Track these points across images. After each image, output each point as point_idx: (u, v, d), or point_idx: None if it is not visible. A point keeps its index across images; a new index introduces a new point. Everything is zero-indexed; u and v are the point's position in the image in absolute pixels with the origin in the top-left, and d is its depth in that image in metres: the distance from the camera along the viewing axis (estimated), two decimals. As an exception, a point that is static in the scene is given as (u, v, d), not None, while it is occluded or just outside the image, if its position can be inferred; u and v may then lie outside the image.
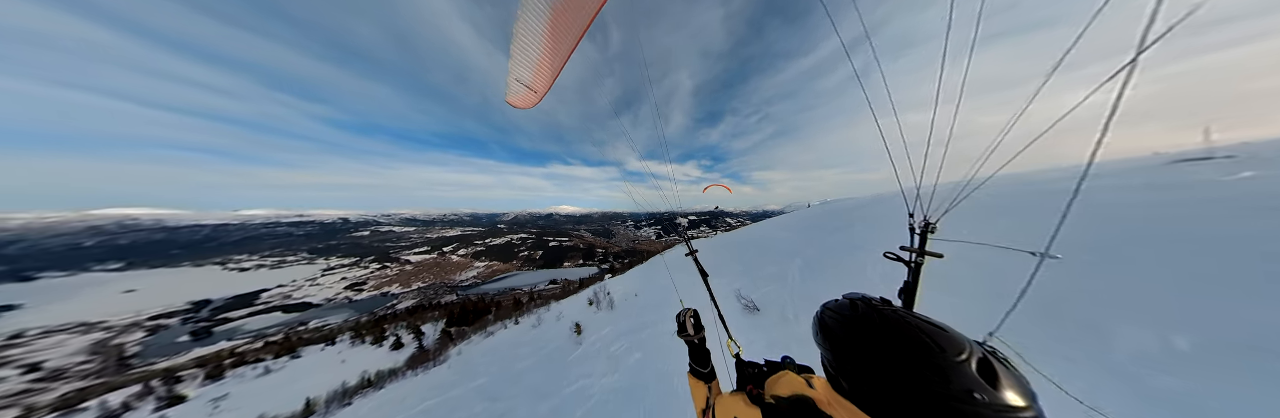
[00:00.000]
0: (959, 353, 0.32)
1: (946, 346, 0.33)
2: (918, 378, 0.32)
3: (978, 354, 0.33)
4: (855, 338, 0.38)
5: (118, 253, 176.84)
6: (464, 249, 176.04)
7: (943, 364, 0.31)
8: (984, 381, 0.30)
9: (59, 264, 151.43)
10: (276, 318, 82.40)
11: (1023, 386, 0.31)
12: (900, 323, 0.36)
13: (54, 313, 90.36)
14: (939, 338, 0.34)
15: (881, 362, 0.35)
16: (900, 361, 0.33)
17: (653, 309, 5.02)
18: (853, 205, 8.48)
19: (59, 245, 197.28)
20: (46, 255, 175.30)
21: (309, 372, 18.89)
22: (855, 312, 0.40)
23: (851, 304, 0.42)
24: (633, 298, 6.57)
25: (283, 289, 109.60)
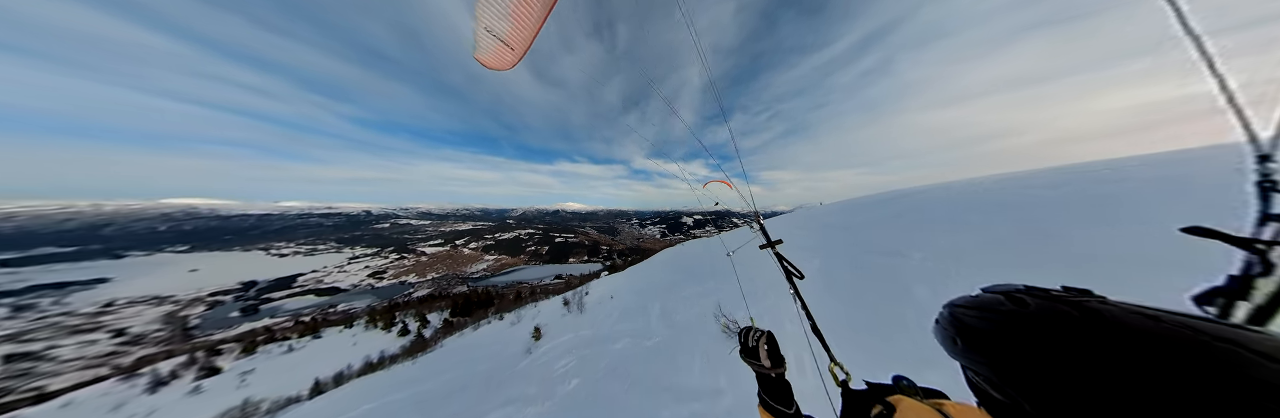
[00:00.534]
0: (1262, 367, 0.17)
1: (1242, 358, 0.17)
2: (1174, 403, 0.17)
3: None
4: (1037, 347, 0.23)
5: (184, 237, 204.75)
6: (475, 243, 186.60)
7: (1242, 384, 0.16)
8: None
9: (140, 245, 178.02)
10: (310, 300, 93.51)
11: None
12: (1112, 322, 0.21)
13: (136, 286, 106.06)
14: (1207, 348, 0.18)
15: (1101, 382, 0.19)
16: (1137, 379, 0.18)
17: (624, 317, 4.35)
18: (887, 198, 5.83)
19: (141, 229, 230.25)
20: (131, 237, 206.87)
21: (324, 352, 20.67)
22: (1025, 308, 0.25)
23: (1005, 299, 0.26)
24: (608, 301, 5.80)
25: (315, 274, 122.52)
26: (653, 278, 6.65)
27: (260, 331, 34.90)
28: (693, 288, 4.76)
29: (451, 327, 16.33)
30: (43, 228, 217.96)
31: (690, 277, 5.57)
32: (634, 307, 4.89)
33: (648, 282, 6.42)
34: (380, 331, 24.71)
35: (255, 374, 18.91)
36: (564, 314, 6.32)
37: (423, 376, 5.28)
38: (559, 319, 6.09)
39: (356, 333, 25.07)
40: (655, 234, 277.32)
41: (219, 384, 18.25)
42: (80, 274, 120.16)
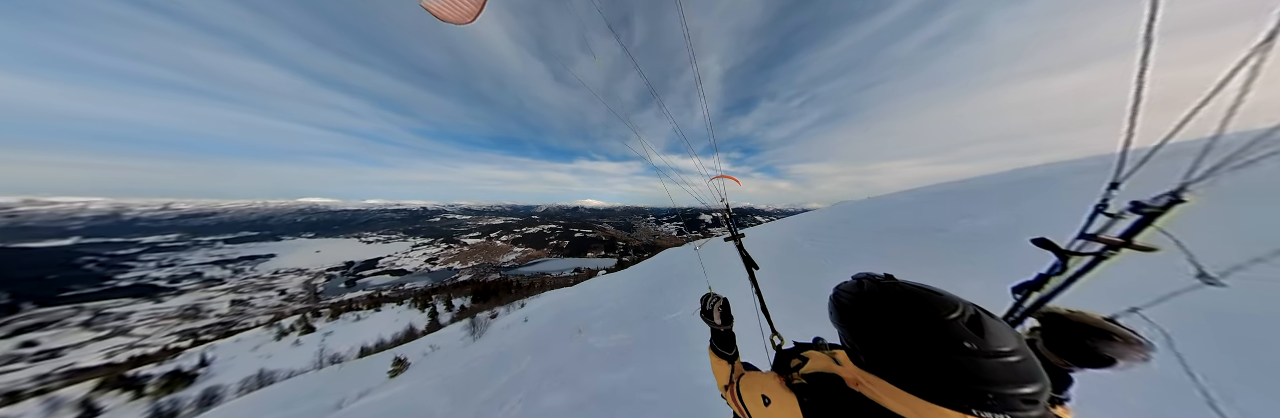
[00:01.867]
0: (951, 311, 0.37)
1: (939, 306, 0.38)
2: (916, 337, 0.37)
3: (970, 312, 0.38)
4: (863, 311, 0.42)
5: (311, 227, 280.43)
6: (505, 236, 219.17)
7: (936, 322, 0.37)
8: (972, 332, 0.35)
9: (289, 231, 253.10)
10: (387, 278, 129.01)
11: (1008, 333, 0.36)
12: (898, 291, 0.41)
13: (289, 260, 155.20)
14: (931, 300, 0.39)
15: (886, 328, 0.40)
16: (900, 324, 0.39)
17: (513, 357, 3.93)
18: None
19: (288, 220, 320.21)
20: (283, 226, 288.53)
21: (378, 324, 25.29)
22: (861, 288, 0.44)
23: (858, 282, 0.46)
24: (520, 325, 5.81)
25: (390, 258, 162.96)
26: (618, 292, 5.99)
27: (360, 298, 44.15)
28: (657, 307, 4.18)
29: (465, 312, 19.11)
30: (241, 218, 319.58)
31: (660, 292, 4.84)
32: (543, 337, 4.30)
33: (599, 298, 5.90)
34: (417, 310, 29.73)
35: (332, 336, 24.05)
36: (462, 338, 6.27)
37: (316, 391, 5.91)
38: (452, 349, 6.02)
39: (402, 310, 30.40)
40: (671, 232, 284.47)
41: (310, 340, 24.11)
42: (260, 250, 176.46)
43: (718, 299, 0.81)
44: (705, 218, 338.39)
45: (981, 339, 0.35)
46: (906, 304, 0.40)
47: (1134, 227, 0.47)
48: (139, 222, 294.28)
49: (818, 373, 0.51)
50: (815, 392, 0.47)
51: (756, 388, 0.57)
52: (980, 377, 0.34)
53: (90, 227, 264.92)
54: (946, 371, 0.35)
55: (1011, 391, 0.33)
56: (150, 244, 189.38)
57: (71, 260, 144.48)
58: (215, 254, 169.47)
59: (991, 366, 0.34)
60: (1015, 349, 0.35)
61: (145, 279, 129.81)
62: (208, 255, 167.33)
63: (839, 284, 0.48)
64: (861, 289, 0.44)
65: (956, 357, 0.34)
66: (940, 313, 0.37)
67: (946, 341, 0.35)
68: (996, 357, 0.34)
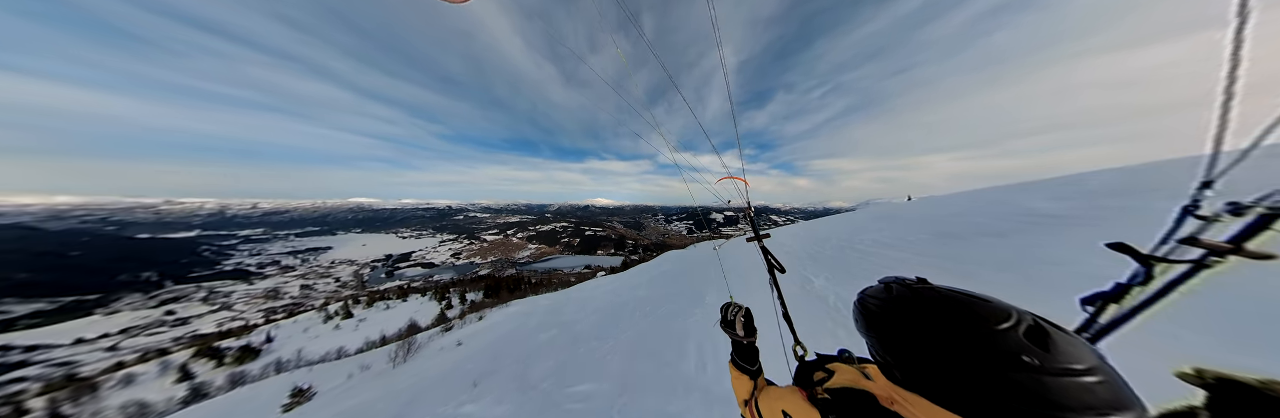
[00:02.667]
0: (1002, 321, 0.30)
1: (987, 314, 0.31)
2: (961, 350, 0.30)
3: (1027, 321, 0.30)
4: (894, 319, 0.36)
5: (359, 223, 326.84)
6: (521, 233, 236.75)
7: (984, 332, 0.30)
8: (1032, 345, 0.28)
9: (342, 227, 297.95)
10: (419, 270, 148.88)
11: (1083, 348, 0.29)
12: (933, 297, 0.35)
13: (342, 252, 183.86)
14: (978, 308, 0.32)
15: (924, 339, 0.33)
16: (940, 335, 0.32)
17: (409, 400, 3.42)
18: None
19: (341, 217, 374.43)
20: (336, 221, 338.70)
21: (402, 313, 27.57)
22: (891, 294, 0.38)
23: (887, 287, 0.40)
24: (452, 349, 5.20)
25: (421, 252, 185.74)
26: (607, 299, 5.49)
27: (392, 289, 47.26)
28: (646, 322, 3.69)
29: (474, 306, 19.54)
30: (306, 216, 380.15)
31: (657, 306, 4.24)
32: (479, 368, 3.74)
33: (592, 306, 5.33)
34: (435, 302, 31.87)
35: (366, 322, 26.61)
36: (388, 361, 5.55)
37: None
38: (383, 365, 5.41)
39: (423, 301, 32.98)
40: (681, 230, 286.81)
41: (347, 325, 27.21)
42: (321, 243, 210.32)
43: (740, 309, 0.73)
44: (716, 217, 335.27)
45: (1045, 354, 0.27)
46: (946, 312, 0.33)
47: (1246, 229, 0.37)
48: (237, 218, 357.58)
49: (845, 388, 0.43)
50: (842, 409, 0.41)
51: (776, 403, 0.52)
52: (1046, 398, 0.26)
53: (206, 222, 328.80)
54: (1003, 390, 0.27)
55: (1084, 417, 0.25)
56: (244, 237, 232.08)
57: (194, 249, 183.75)
58: (289, 246, 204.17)
59: (1062, 385, 0.26)
60: (1093, 367, 0.27)
61: (241, 265, 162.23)
62: (284, 247, 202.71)
63: (865, 289, 0.42)
64: (891, 295, 0.38)
65: (1014, 374, 0.27)
66: (988, 322, 0.30)
67: (1000, 354, 0.28)
68: (1067, 375, 0.26)
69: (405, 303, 34.34)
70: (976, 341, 0.29)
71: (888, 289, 0.39)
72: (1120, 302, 0.46)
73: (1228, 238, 0.38)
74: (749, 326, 0.72)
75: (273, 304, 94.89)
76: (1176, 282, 0.42)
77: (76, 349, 68.30)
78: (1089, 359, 0.28)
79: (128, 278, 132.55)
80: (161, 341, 62.98)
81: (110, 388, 19.76)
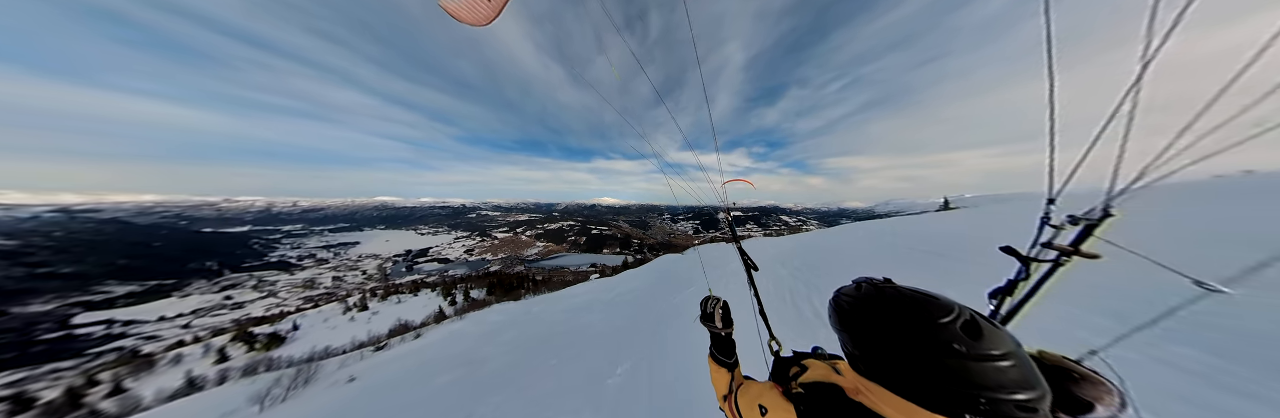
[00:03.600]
0: (944, 315, 0.37)
1: (933, 310, 0.38)
2: (908, 340, 0.37)
3: (965, 316, 0.37)
4: (860, 316, 0.41)
5: (383, 220, 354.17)
6: (529, 231, 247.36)
7: (929, 326, 0.36)
8: (965, 335, 0.35)
9: (368, 223, 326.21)
10: (435, 265, 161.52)
11: (1004, 338, 0.36)
12: (893, 295, 0.41)
13: (368, 247, 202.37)
14: (927, 305, 0.38)
15: (882, 332, 0.39)
16: (895, 328, 0.38)
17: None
18: None
19: (368, 214, 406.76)
20: (364, 219, 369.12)
21: (412, 307, 29.30)
22: (860, 292, 0.44)
23: (857, 286, 0.45)
24: (342, 385, 4.77)
25: (437, 248, 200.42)
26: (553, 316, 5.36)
27: (406, 283, 52.46)
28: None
29: (475, 304, 20.84)
30: (339, 213, 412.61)
31: (631, 336, 3.82)
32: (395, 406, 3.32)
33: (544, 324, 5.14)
34: (442, 298, 33.06)
35: (378, 316, 28.21)
36: (256, 404, 4.68)
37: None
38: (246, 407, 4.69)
39: (432, 297, 34.11)
40: (687, 230, 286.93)
41: (361, 317, 29.17)
42: (350, 239, 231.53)
43: (718, 301, 0.78)
44: (723, 217, 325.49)
45: (973, 342, 0.34)
46: (901, 308, 0.39)
47: (1079, 236, 0.50)
48: (280, 215, 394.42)
49: (817, 382, 0.49)
50: (813, 401, 0.46)
51: (755, 399, 0.56)
52: (970, 380, 0.33)
53: (256, 218, 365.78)
54: (938, 374, 0.34)
55: (1004, 396, 0.32)
56: (286, 232, 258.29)
57: (246, 242, 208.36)
58: (324, 241, 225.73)
59: (982, 369, 0.33)
60: (1007, 353, 0.34)
61: (284, 257, 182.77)
62: (319, 241, 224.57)
63: (840, 288, 0.47)
64: (860, 293, 0.43)
65: (947, 360, 0.34)
66: (933, 316, 0.37)
67: (937, 343, 0.35)
68: (987, 360, 0.33)
69: (416, 297, 35.38)
70: (921, 332, 0.36)
71: (858, 288, 0.44)
72: (1012, 294, 0.59)
73: (1069, 242, 0.51)
74: (727, 318, 0.76)
75: (309, 293, 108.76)
76: (1045, 277, 0.56)
77: (160, 325, 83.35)
78: (1006, 346, 0.35)
79: (196, 266, 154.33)
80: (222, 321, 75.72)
81: (164, 365, 22.03)
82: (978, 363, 0.33)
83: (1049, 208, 0.55)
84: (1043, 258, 0.55)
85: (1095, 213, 0.48)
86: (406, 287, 43.74)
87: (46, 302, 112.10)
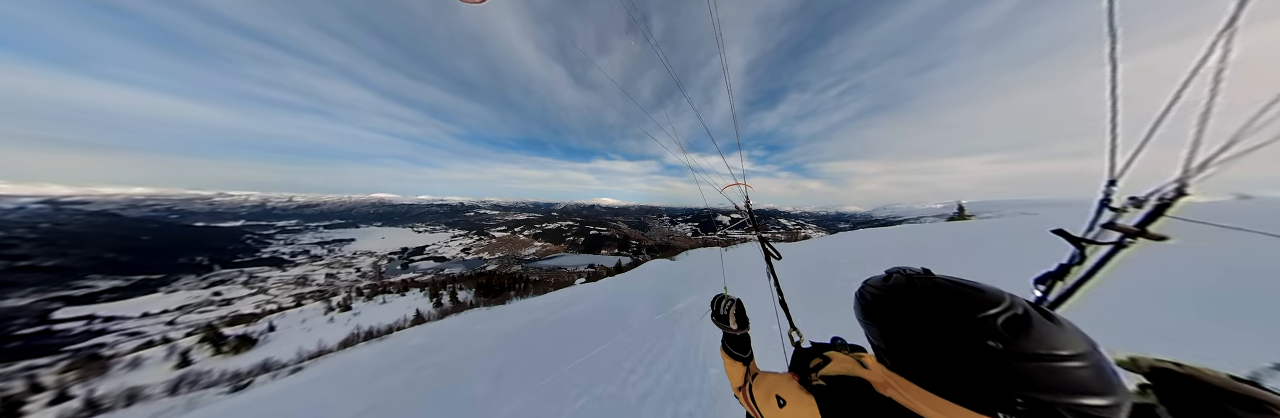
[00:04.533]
0: (987, 309, 0.32)
1: (973, 302, 0.33)
2: (941, 334, 0.33)
3: (1015, 311, 0.32)
4: (890, 307, 0.38)
5: (379, 217, 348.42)
6: (527, 231, 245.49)
7: (966, 319, 0.32)
8: (1004, 331, 0.30)
9: (364, 220, 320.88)
10: (432, 264, 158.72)
11: (1061, 336, 0.30)
12: (929, 287, 0.37)
13: (363, 244, 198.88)
14: (966, 297, 0.34)
15: (911, 325, 0.36)
16: (925, 321, 0.34)
17: None
18: None
19: (364, 211, 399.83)
20: (360, 215, 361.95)
21: (396, 308, 27.10)
22: (888, 282, 0.40)
23: (887, 276, 0.42)
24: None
25: (434, 246, 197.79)
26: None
27: (395, 282, 51.72)
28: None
29: (459, 305, 19.37)
30: (334, 209, 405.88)
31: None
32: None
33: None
34: (427, 298, 30.97)
35: (359, 316, 26.10)
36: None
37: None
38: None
39: (418, 297, 32.43)
40: (686, 232, 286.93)
41: (341, 318, 27.08)
42: (345, 236, 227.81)
43: (731, 302, 0.74)
44: (722, 219, 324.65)
45: (1014, 339, 0.30)
46: (938, 300, 0.35)
47: (1147, 217, 0.45)
48: (275, 210, 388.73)
49: (842, 376, 0.46)
50: (838, 395, 0.43)
51: (771, 389, 0.53)
52: (1008, 379, 0.29)
53: (250, 213, 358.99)
54: (968, 370, 0.31)
55: (1052, 398, 0.28)
56: (281, 228, 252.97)
57: (239, 237, 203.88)
58: (318, 237, 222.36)
59: (1027, 369, 0.29)
60: (1073, 354, 0.29)
61: (277, 253, 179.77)
62: (314, 238, 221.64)
63: (868, 279, 0.44)
64: (887, 284, 0.40)
65: (981, 356, 0.30)
66: (970, 310, 0.33)
67: (970, 338, 0.31)
68: (1035, 360, 0.29)
69: (402, 298, 34.32)
70: (957, 326, 0.32)
71: (887, 279, 0.41)
72: (1063, 279, 0.54)
73: (1135, 223, 0.47)
74: (741, 317, 0.73)
75: (301, 290, 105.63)
76: (1104, 260, 0.50)
77: (143, 322, 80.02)
78: (1069, 346, 0.29)
79: (185, 261, 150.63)
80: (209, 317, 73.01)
81: (120, 369, 20.09)
82: (1023, 363, 0.29)
83: (1110, 189, 0.51)
84: (1102, 241, 0.51)
85: (1169, 192, 0.43)
86: (396, 286, 42.24)
87: (26, 296, 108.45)
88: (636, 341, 3.34)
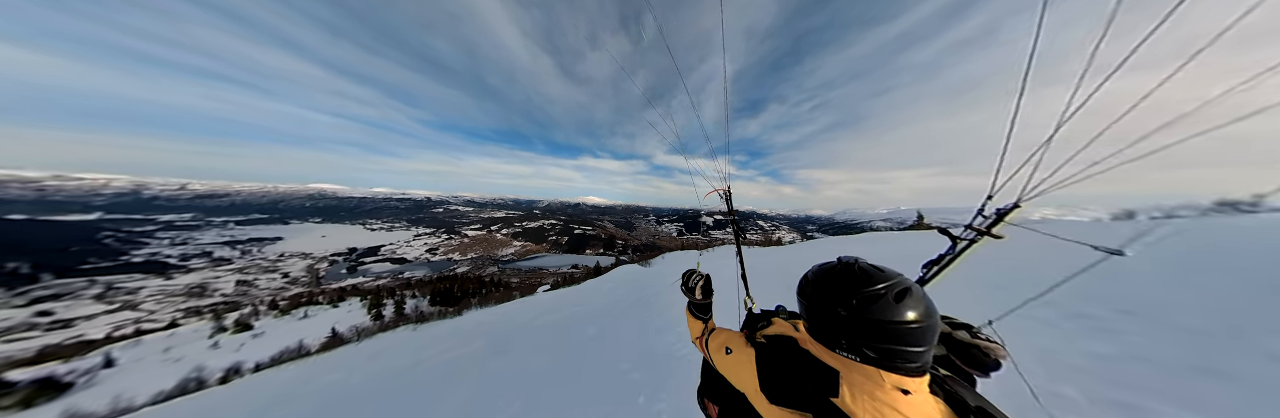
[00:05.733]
0: (877, 284, 0.47)
1: (871, 280, 0.47)
2: (838, 301, 0.48)
3: (900, 287, 0.46)
4: (817, 283, 0.52)
5: (319, 212, 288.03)
6: (506, 229, 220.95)
7: (863, 292, 0.46)
8: (893, 301, 0.45)
9: (297, 215, 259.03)
10: (388, 266, 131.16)
11: (920, 307, 0.46)
12: (849, 267, 0.51)
13: (295, 244, 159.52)
14: (870, 275, 0.48)
15: (823, 294, 0.50)
16: (833, 291, 0.49)
17: None
18: None
19: (297, 204, 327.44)
20: (292, 210, 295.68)
21: (319, 324, 20.97)
22: (824, 265, 0.54)
23: (830, 262, 0.55)
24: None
25: (392, 246, 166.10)
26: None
27: (331, 291, 39.57)
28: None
29: (402, 319, 14.80)
30: (253, 200, 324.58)
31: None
32: None
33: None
34: (366, 310, 24.77)
35: (262, 338, 20.27)
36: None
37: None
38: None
39: (356, 308, 26.37)
40: (671, 232, 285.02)
41: (232, 341, 20.44)
42: (268, 233, 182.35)
43: (701, 277, 0.92)
44: (706, 220, 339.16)
45: (889, 307, 0.45)
46: (846, 276, 0.49)
47: (992, 221, 0.67)
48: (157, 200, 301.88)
49: (778, 335, 0.64)
50: (771, 349, 0.60)
51: (723, 341, 0.72)
52: (874, 333, 0.45)
53: (113, 203, 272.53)
54: (853, 329, 0.46)
55: (898, 347, 0.44)
56: (166, 223, 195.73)
57: (93, 235, 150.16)
58: (226, 235, 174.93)
59: (892, 328, 0.44)
60: (918, 319, 0.44)
61: (158, 256, 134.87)
62: (219, 236, 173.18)
63: (818, 263, 0.57)
64: (824, 266, 0.54)
65: (862, 318, 0.46)
66: (867, 284, 0.47)
67: (858, 306, 0.46)
68: (896, 323, 0.44)
69: (333, 310, 26.66)
70: (853, 296, 0.47)
71: (831, 263, 0.54)
72: (939, 264, 0.76)
73: (985, 225, 0.68)
74: (707, 289, 0.91)
75: (197, 303, 77.17)
76: (961, 250, 0.73)
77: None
78: (920, 315, 0.45)
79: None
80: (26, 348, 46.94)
81: None
82: (888, 323, 0.44)
83: (986, 201, 0.69)
84: (964, 237, 0.72)
85: (1008, 206, 0.65)
86: (329, 295, 33.60)
87: None
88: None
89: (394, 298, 27.45)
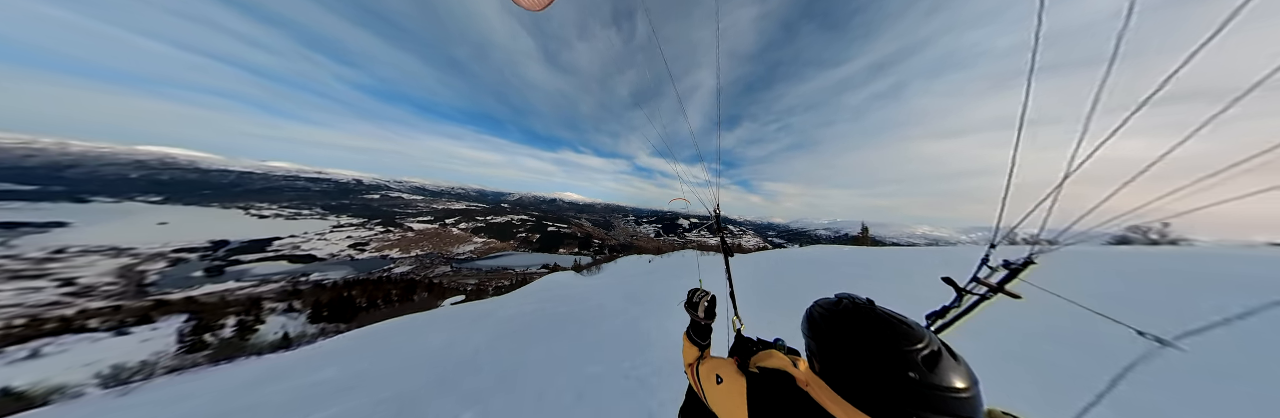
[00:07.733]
0: (914, 344, 0.43)
1: (908, 337, 0.43)
2: (874, 358, 0.43)
3: (933, 349, 0.43)
4: (833, 328, 0.48)
5: (157, 188, 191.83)
6: (465, 223, 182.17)
7: (897, 350, 0.42)
8: (923, 365, 0.41)
9: (108, 191, 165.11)
10: (283, 266, 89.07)
11: (958, 373, 0.41)
12: (874, 317, 0.47)
13: (95, 234, 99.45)
14: (903, 331, 0.44)
15: (850, 346, 0.45)
16: (865, 345, 0.44)
17: None
18: None
19: (110, 174, 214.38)
20: (98, 181, 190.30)
21: (48, 367, 13.67)
22: (838, 306, 0.50)
23: (837, 301, 0.52)
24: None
25: (293, 240, 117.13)
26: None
27: (154, 303, 23.88)
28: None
29: (230, 348, 10.14)
30: (15, 164, 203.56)
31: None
32: None
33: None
34: (177, 338, 15.91)
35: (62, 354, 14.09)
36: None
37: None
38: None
39: (166, 331, 17.55)
40: (649, 233, 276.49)
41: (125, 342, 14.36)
42: (36, 216, 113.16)
43: (707, 294, 0.87)
44: (682, 223, 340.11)
45: (928, 373, 0.41)
46: (876, 329, 0.45)
47: (1005, 278, 0.62)
48: None
49: (774, 369, 0.58)
50: (765, 382, 0.55)
51: (714, 369, 0.67)
52: (914, 402, 0.40)
53: None
54: (885, 391, 0.41)
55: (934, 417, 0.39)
56: None
57: None
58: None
59: (927, 395, 0.40)
60: (961, 388, 0.40)
61: None
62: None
63: (818, 300, 0.53)
64: (838, 307, 0.50)
65: (899, 382, 0.41)
66: (903, 343, 0.43)
67: (896, 367, 0.41)
68: (935, 390, 0.40)
69: (117, 338, 16.03)
70: (888, 355, 0.42)
71: (838, 302, 0.51)
72: (944, 317, 0.71)
73: (997, 281, 0.63)
74: (711, 310, 0.86)
75: None
76: (970, 308, 0.67)
77: None
78: (957, 382, 0.41)
79: None
80: None
81: None
82: (927, 391, 0.40)
83: (990, 251, 0.66)
84: (974, 291, 0.66)
85: (1020, 260, 0.59)
86: (135, 313, 19.43)
87: None
88: None
89: (249, 314, 17.33)
